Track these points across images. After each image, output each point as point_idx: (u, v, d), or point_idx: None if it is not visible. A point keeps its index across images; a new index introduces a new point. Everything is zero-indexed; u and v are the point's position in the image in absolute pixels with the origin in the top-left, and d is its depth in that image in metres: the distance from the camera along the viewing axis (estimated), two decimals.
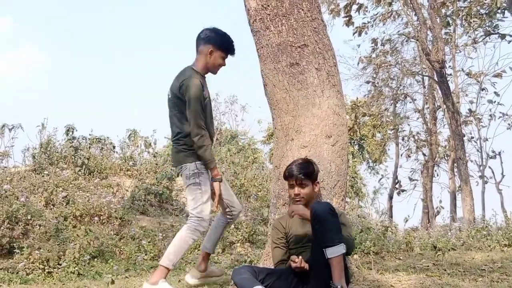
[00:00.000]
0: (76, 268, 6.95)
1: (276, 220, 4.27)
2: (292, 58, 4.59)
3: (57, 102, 47.21)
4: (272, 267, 4.10)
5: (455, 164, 19.02)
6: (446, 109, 18.24)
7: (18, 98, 44.63)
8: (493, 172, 21.03)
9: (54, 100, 47.06)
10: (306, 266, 3.69)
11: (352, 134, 22.50)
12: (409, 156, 23.35)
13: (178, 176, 14.94)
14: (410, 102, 22.86)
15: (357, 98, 22.30)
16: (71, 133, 13.20)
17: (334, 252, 3.53)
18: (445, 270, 5.87)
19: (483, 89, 19.20)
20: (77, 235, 8.11)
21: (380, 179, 27.19)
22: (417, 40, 17.84)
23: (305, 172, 4.03)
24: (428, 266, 6.31)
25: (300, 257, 3.70)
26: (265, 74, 4.75)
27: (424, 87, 22.57)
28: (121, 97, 49.89)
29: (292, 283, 3.75)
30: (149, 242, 8.55)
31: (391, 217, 22.45)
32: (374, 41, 18.91)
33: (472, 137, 21.25)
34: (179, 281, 5.42)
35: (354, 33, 17.37)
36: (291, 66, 4.59)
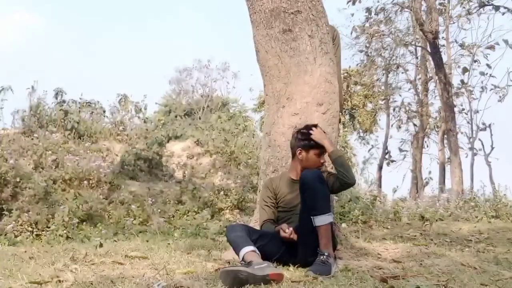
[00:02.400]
0: (65, 231, 6.97)
1: (268, 180, 4.26)
2: (285, 24, 4.54)
3: (47, 66, 46.84)
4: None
5: (445, 136, 19.08)
6: (438, 80, 18.23)
7: (8, 62, 44.27)
8: (482, 144, 21.18)
9: (44, 63, 46.72)
10: (295, 237, 3.69)
11: (343, 103, 22.44)
12: (400, 127, 23.43)
13: (168, 142, 14.95)
14: (402, 73, 22.85)
15: (350, 67, 22.24)
16: (60, 96, 13.11)
17: (322, 220, 3.54)
18: (432, 239, 5.92)
19: (475, 61, 19.17)
20: (66, 198, 8.12)
21: (370, 149, 27.27)
22: (411, 10, 17.73)
23: None
24: (415, 236, 6.36)
25: (291, 228, 3.70)
26: (258, 40, 4.70)
27: (417, 58, 22.52)
28: (112, 61, 49.58)
29: (281, 249, 3.77)
30: (138, 207, 8.57)
31: (380, 187, 22.58)
32: (368, 10, 18.77)
33: (463, 109, 21.34)
34: (168, 245, 5.43)
35: (348, 2, 17.24)
36: (284, 33, 4.54)
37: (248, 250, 3.43)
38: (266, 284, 2.99)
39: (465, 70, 18.88)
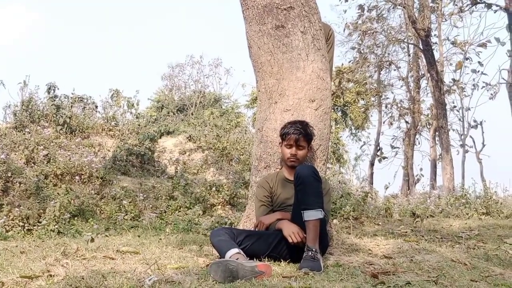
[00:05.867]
0: (56, 226, 6.94)
1: (263, 179, 4.27)
2: (277, 21, 4.54)
3: (39, 60, 46.66)
4: (252, 229, 4.14)
5: (437, 133, 19.16)
6: (430, 78, 18.29)
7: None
8: (474, 142, 21.24)
9: (35, 58, 46.55)
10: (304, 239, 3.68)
11: (335, 100, 22.51)
12: (392, 124, 23.45)
13: (160, 137, 14.94)
14: (395, 70, 22.91)
15: (342, 64, 22.27)
16: (52, 91, 13.06)
17: (311, 215, 3.54)
18: (423, 236, 5.94)
19: (467, 59, 19.20)
20: (58, 193, 8.09)
21: (362, 146, 27.30)
22: (404, 7, 17.76)
23: (306, 134, 4.03)
24: (406, 232, 6.38)
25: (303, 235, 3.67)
26: (250, 36, 4.71)
27: (409, 55, 22.57)
28: (104, 56, 49.44)
29: (271, 245, 3.78)
30: (130, 202, 8.56)
31: (372, 183, 22.62)
32: (361, 7, 18.80)
33: (455, 106, 21.41)
34: (159, 240, 5.44)
35: None
36: (276, 29, 4.55)
37: (233, 252, 3.45)
38: (255, 276, 3.00)
39: (455, 71, 18.98)
